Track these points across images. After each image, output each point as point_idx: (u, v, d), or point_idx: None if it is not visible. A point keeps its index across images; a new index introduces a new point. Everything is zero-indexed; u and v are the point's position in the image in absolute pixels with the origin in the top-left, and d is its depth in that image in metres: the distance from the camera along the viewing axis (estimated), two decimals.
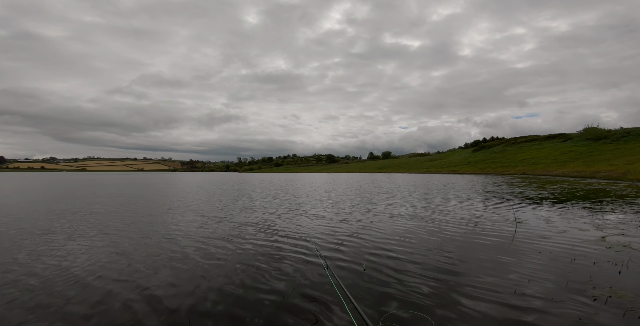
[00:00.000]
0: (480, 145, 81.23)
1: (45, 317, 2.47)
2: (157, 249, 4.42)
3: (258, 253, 4.21)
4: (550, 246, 4.45)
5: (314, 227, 6.09)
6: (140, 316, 2.47)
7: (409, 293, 2.86)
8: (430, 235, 5.22)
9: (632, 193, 12.32)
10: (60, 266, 3.66)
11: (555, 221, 6.41)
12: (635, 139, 43.83)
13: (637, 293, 2.82)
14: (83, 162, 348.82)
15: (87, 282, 3.19)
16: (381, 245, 4.63)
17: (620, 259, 3.82)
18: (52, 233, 5.51)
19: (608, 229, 5.56)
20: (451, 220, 6.63)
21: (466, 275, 3.33)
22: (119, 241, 4.91)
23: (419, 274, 3.36)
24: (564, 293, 2.85)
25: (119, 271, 3.52)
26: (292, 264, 3.75)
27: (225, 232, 5.62)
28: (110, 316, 2.49)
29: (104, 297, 2.83)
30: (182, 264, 3.75)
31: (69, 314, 2.52)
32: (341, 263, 3.76)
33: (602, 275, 3.28)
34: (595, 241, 4.72)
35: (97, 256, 4.09)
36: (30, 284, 3.14)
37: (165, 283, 3.14)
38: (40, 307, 2.63)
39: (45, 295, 2.89)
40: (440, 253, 4.16)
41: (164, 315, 2.49)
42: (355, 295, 2.79)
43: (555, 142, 57.86)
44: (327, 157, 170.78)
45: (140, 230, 5.77)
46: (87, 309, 2.60)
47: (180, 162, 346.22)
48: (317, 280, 3.21)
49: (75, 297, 2.83)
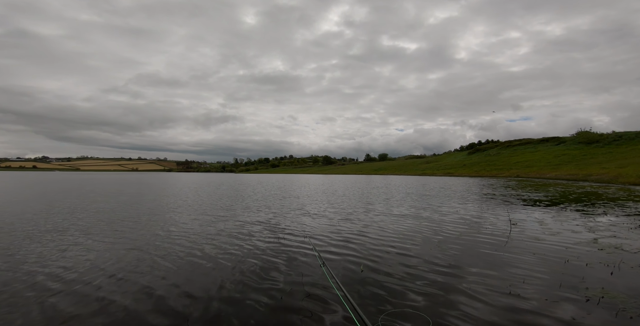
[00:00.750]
0: (476, 148, 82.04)
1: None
2: (158, 249, 4.39)
3: (258, 252, 4.20)
4: (544, 247, 4.51)
5: (314, 226, 6.10)
6: (140, 311, 2.47)
7: (406, 293, 2.88)
8: (427, 237, 5.25)
9: (623, 196, 12.53)
10: (86, 265, 3.63)
11: (549, 223, 6.50)
12: (627, 143, 44.62)
13: (628, 294, 2.88)
14: (76, 161, 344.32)
15: (93, 281, 3.16)
16: (378, 246, 4.65)
17: (612, 260, 3.89)
18: (63, 233, 5.43)
19: (600, 231, 5.65)
20: (447, 222, 6.68)
21: (462, 276, 3.37)
22: (127, 240, 4.87)
23: (415, 275, 3.39)
24: (558, 293, 2.90)
25: (123, 269, 3.49)
26: (292, 264, 3.75)
27: (226, 231, 5.60)
28: (110, 315, 2.47)
29: (106, 297, 2.81)
30: (184, 263, 3.74)
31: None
32: (340, 263, 3.77)
33: (594, 276, 3.34)
34: (588, 243, 4.80)
35: (110, 254, 4.06)
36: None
37: (165, 281, 3.12)
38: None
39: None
40: (436, 254, 4.20)
41: (163, 314, 2.49)
42: (353, 294, 2.81)
43: (548, 145, 58.64)
44: (324, 158, 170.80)
45: (146, 228, 5.73)
46: (89, 308, 2.59)
47: (176, 162, 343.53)
48: (316, 280, 3.22)
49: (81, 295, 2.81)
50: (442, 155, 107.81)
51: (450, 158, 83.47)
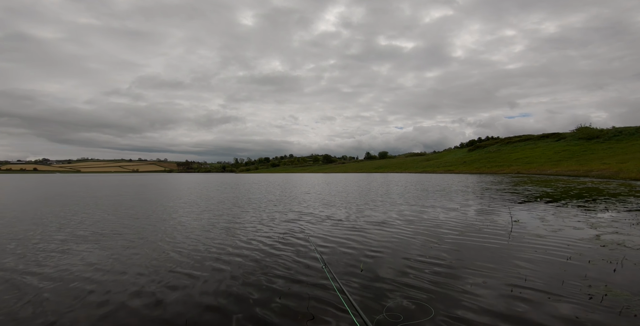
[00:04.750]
0: (476, 145, 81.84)
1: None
2: (156, 251, 4.37)
3: (258, 253, 4.18)
4: (545, 244, 4.48)
5: (315, 226, 6.08)
6: (140, 312, 2.44)
7: (406, 291, 2.86)
8: (427, 234, 5.23)
9: (624, 191, 12.49)
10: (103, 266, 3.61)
11: (550, 220, 6.47)
12: (627, 138, 44.47)
13: (632, 291, 2.85)
14: (77, 163, 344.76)
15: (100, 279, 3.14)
16: (379, 245, 4.62)
17: (614, 257, 3.86)
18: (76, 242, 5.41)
19: (602, 227, 5.62)
20: (448, 219, 6.65)
21: (463, 273, 3.34)
22: (137, 241, 4.85)
23: (416, 272, 3.36)
24: (560, 291, 2.87)
25: (128, 268, 3.48)
26: (293, 264, 3.73)
27: (227, 231, 5.59)
28: (110, 315, 2.45)
29: (108, 296, 2.79)
30: (183, 261, 3.72)
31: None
32: (341, 263, 3.75)
33: (597, 273, 3.31)
34: (590, 239, 4.77)
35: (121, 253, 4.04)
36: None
37: (163, 282, 3.10)
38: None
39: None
40: (437, 252, 4.17)
41: (162, 312, 2.46)
42: (354, 295, 2.78)
43: (548, 142, 58.48)
44: (324, 157, 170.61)
45: (156, 230, 5.71)
46: (93, 306, 2.56)
47: (176, 163, 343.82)
48: (317, 280, 3.19)
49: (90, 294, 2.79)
50: (442, 152, 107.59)
51: (450, 156, 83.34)
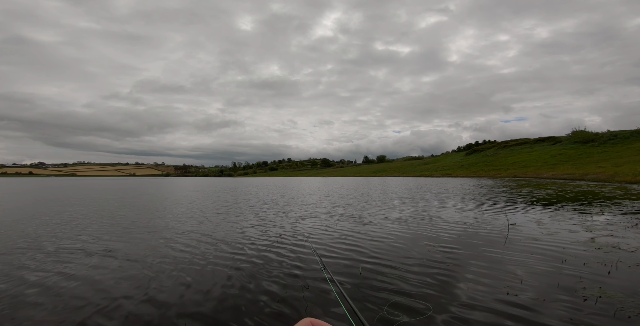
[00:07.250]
0: (473, 149, 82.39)
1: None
2: (156, 254, 4.34)
3: (257, 255, 4.16)
4: (541, 247, 4.51)
5: (315, 229, 6.08)
6: (142, 312, 2.43)
7: (404, 294, 2.85)
8: (425, 238, 5.24)
9: (619, 194, 12.59)
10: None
11: (546, 223, 6.51)
12: (622, 142, 44.98)
13: (626, 293, 2.87)
14: (73, 167, 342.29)
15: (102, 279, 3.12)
16: (377, 248, 4.62)
17: (609, 260, 3.89)
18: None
19: (597, 230, 5.66)
20: (445, 223, 6.67)
21: (460, 276, 3.35)
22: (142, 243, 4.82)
23: (414, 275, 3.36)
24: (556, 293, 2.89)
25: (128, 268, 3.45)
26: (292, 266, 3.72)
27: (228, 231, 5.57)
28: (110, 315, 2.43)
29: (108, 296, 2.77)
30: (183, 265, 3.70)
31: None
32: (340, 266, 3.74)
33: (592, 276, 3.33)
34: (585, 242, 4.80)
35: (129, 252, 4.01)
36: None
37: (161, 284, 3.08)
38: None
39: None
40: (435, 255, 4.18)
41: (161, 311, 2.45)
42: (353, 296, 2.79)
43: (545, 145, 59.00)
44: (322, 161, 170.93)
45: (158, 231, 5.68)
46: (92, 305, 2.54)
47: (174, 167, 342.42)
48: (316, 283, 3.19)
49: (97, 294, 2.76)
50: (440, 156, 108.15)
51: (448, 159, 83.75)
